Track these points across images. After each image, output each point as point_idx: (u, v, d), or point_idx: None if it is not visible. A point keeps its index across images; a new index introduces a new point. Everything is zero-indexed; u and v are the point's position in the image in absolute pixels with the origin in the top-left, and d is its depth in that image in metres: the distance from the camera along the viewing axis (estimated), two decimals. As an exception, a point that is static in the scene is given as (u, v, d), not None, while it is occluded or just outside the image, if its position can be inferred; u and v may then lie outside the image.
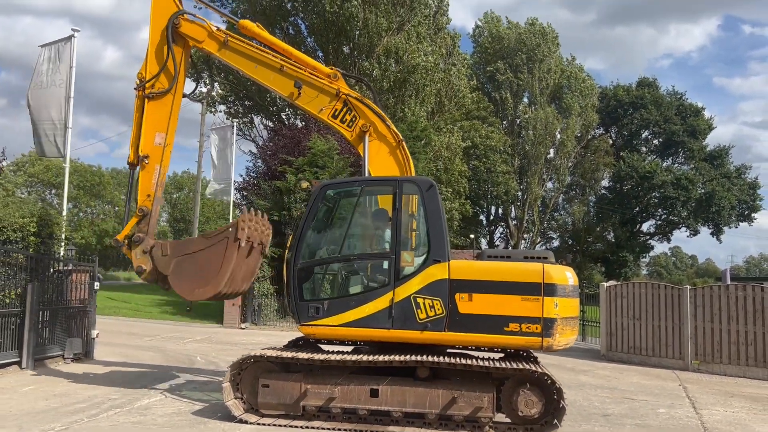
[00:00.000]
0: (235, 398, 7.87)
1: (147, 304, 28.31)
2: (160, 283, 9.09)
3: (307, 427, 7.50)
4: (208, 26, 9.53)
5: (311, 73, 9.27)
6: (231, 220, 27.30)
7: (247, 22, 9.77)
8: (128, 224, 9.31)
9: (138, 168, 9.42)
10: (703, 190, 48.86)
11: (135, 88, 9.57)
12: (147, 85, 9.38)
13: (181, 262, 8.71)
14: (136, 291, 35.68)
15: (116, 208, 69.96)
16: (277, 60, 9.31)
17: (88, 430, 7.18)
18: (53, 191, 60.70)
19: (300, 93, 9.14)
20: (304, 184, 9.01)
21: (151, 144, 9.35)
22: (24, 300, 11.24)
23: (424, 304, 7.72)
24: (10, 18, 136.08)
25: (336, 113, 9.13)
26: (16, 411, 8.00)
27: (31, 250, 11.67)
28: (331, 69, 9.37)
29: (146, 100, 9.41)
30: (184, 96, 9.92)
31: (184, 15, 9.51)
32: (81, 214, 65.24)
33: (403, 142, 9.16)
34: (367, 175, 8.98)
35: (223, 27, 10.14)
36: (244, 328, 20.80)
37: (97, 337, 12.94)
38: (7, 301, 11.14)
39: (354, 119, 9.09)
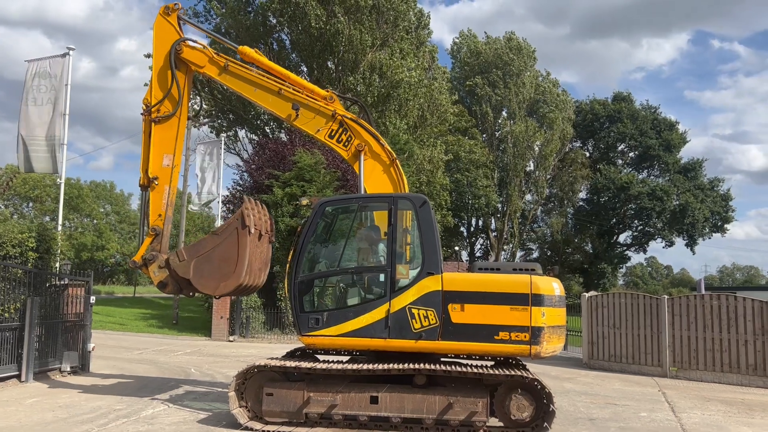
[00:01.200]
0: (240, 407, 8.22)
1: (131, 317, 28.32)
2: (184, 290, 9.47)
3: (310, 434, 7.89)
4: (209, 52, 10.01)
5: (308, 96, 9.74)
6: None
7: (246, 48, 10.23)
8: (143, 245, 9.67)
9: (149, 189, 9.80)
10: (677, 202, 50.11)
11: (141, 113, 10.00)
12: (153, 109, 9.80)
13: (200, 263, 9.04)
14: (118, 305, 35.56)
15: (95, 222, 69.52)
16: (275, 84, 9.78)
17: (100, 439, 7.49)
18: (30, 204, 60.21)
19: (298, 115, 9.60)
20: (305, 201, 9.41)
21: (159, 166, 9.78)
22: (23, 314, 11.46)
23: (418, 314, 8.16)
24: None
25: (332, 134, 9.61)
26: (26, 422, 8.25)
27: (29, 265, 11.89)
28: (328, 92, 9.84)
29: (153, 124, 9.83)
30: (189, 119, 10.32)
31: (186, 41, 9.98)
32: (59, 227, 64.58)
33: (397, 161, 9.64)
34: (362, 192, 9.44)
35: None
36: (232, 341, 21.01)
37: (93, 350, 13.15)
38: (7, 315, 11.34)
39: (350, 139, 9.56)
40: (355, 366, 8.09)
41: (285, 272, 8.83)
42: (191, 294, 9.54)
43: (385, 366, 7.98)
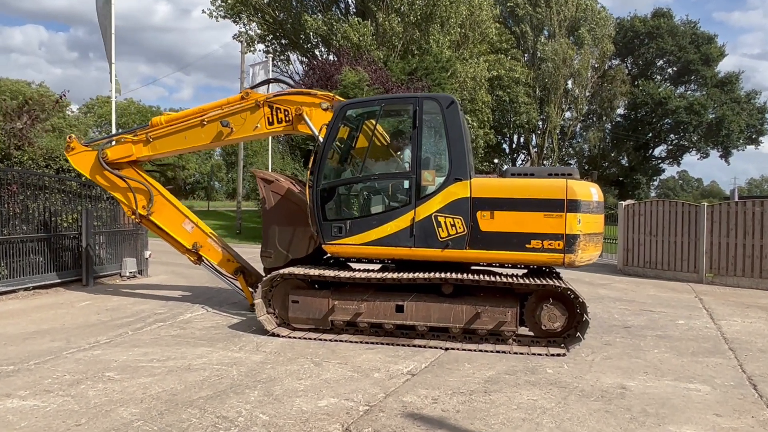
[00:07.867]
0: (267, 313, 7.36)
1: (203, 227, 28.22)
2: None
3: (335, 340, 6.97)
4: (128, 139, 8.94)
5: (227, 107, 8.45)
6: (270, 150, 26.57)
7: (154, 118, 8.98)
8: (244, 291, 9.10)
9: (203, 256, 9.09)
10: (713, 115, 45.96)
11: (138, 223, 9.66)
12: (139, 212, 8.96)
13: (281, 242, 8.28)
14: (194, 216, 35.77)
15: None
16: (196, 119, 8.53)
17: (129, 343, 6.76)
18: (119, 130, 60.86)
19: (231, 129, 8.35)
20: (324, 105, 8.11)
21: (188, 236, 9.03)
22: (81, 224, 10.90)
23: (445, 222, 6.92)
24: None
25: (270, 119, 8.28)
26: (68, 325, 7.65)
27: (83, 177, 11.18)
28: (242, 92, 8.58)
29: (151, 217, 8.99)
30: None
31: (103, 150, 8.96)
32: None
33: (336, 96, 8.29)
34: (320, 140, 7.68)
35: None
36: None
37: (149, 257, 12.63)
38: (65, 224, 10.82)
39: (287, 112, 8.23)
40: (380, 275, 7.00)
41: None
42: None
43: (411, 275, 6.86)
